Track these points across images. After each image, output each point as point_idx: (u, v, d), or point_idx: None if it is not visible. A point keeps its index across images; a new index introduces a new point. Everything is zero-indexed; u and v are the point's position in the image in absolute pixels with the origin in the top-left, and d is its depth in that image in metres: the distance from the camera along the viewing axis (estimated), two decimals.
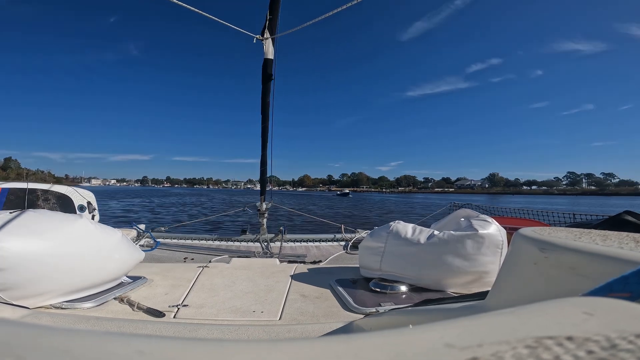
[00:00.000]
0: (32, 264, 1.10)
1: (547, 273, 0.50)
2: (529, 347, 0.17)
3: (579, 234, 0.55)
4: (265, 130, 2.92)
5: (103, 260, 1.36)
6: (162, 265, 1.92)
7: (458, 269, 1.45)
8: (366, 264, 1.68)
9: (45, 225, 1.21)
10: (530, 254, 0.54)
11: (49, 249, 1.16)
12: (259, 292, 1.46)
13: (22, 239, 1.11)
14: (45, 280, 1.15)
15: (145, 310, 1.23)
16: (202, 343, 0.18)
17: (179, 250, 2.51)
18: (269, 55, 2.82)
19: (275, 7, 2.76)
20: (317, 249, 2.67)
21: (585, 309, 0.20)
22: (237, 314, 1.23)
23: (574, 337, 0.17)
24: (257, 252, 2.55)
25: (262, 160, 3.00)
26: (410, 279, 1.52)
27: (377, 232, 1.73)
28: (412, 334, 0.19)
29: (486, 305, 0.65)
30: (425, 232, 1.59)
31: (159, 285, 1.52)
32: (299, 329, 1.09)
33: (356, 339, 0.19)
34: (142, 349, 0.17)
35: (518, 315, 0.21)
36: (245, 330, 1.07)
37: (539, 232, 0.58)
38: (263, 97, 2.87)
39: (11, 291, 1.09)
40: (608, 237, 0.51)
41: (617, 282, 0.26)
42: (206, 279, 1.63)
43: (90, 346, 0.17)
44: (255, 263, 2.02)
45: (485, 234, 1.45)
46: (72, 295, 1.24)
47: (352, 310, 1.28)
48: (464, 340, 0.17)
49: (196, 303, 1.32)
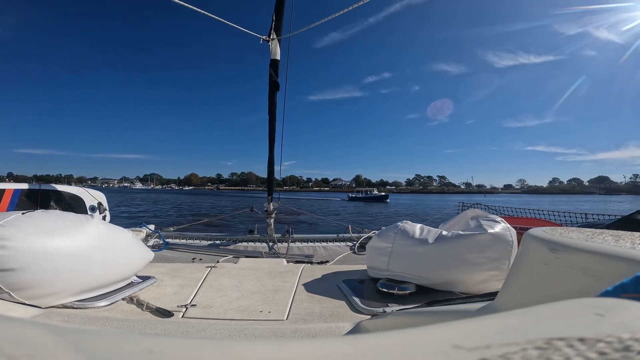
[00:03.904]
0: (44, 263, 1.13)
1: (558, 274, 0.49)
2: (539, 348, 0.16)
3: (591, 234, 0.54)
4: (272, 131, 2.93)
5: (113, 260, 1.38)
6: (171, 265, 1.94)
7: (466, 269, 1.43)
8: (373, 264, 1.67)
9: (57, 225, 1.23)
10: (540, 255, 0.53)
11: (61, 249, 1.18)
12: (266, 292, 1.47)
13: (34, 239, 1.13)
14: (57, 280, 1.17)
15: (154, 310, 1.25)
16: (210, 342, 0.18)
17: (187, 251, 2.53)
18: (276, 56, 2.84)
19: (281, 8, 2.78)
20: (324, 249, 2.67)
21: (596, 310, 0.20)
22: (245, 313, 1.24)
23: (586, 339, 0.17)
24: (265, 252, 2.56)
25: (270, 161, 3.02)
26: (418, 279, 1.50)
27: (384, 232, 1.72)
28: (420, 334, 0.19)
29: (495, 306, 0.64)
30: (433, 232, 1.58)
31: (168, 285, 1.54)
32: (306, 329, 1.09)
33: (363, 340, 0.19)
34: (152, 348, 0.17)
35: (528, 316, 0.21)
36: (252, 329, 1.08)
37: (550, 233, 0.57)
38: (270, 98, 2.89)
39: (23, 291, 1.11)
40: (621, 238, 0.50)
41: (629, 282, 0.25)
42: (214, 278, 1.64)
43: (101, 345, 0.17)
44: (262, 263, 2.03)
45: (495, 234, 1.43)
46: (83, 295, 1.26)
47: (360, 310, 1.28)
48: (472, 341, 0.17)
49: (204, 303, 1.33)
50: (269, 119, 2.92)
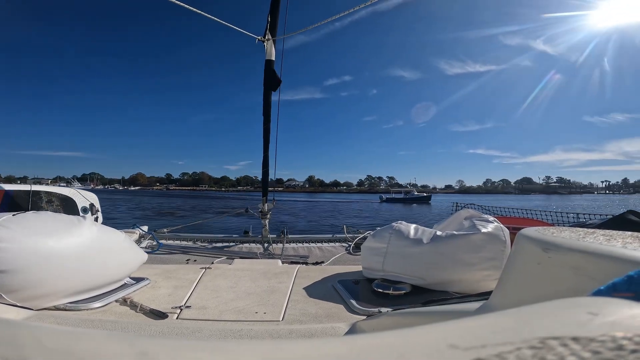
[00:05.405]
0: (36, 265, 1.11)
1: (551, 273, 0.50)
2: (533, 347, 0.16)
3: (583, 234, 0.55)
4: (267, 132, 2.92)
5: (106, 261, 1.37)
6: (165, 266, 1.92)
7: (461, 269, 1.44)
8: (369, 264, 1.68)
9: (48, 226, 1.22)
10: (533, 254, 0.53)
11: (53, 250, 1.16)
12: (262, 293, 1.46)
13: (26, 240, 1.11)
14: (49, 282, 1.15)
15: (148, 312, 1.23)
16: (205, 343, 0.18)
17: (181, 252, 2.52)
18: (271, 56, 2.83)
19: (276, 9, 2.78)
20: (319, 249, 2.67)
21: (589, 309, 0.20)
22: (240, 314, 1.23)
23: (579, 338, 0.17)
24: (260, 253, 2.55)
25: (264, 161, 3.01)
26: (413, 280, 1.51)
27: (379, 232, 1.72)
28: (416, 334, 0.19)
29: (490, 306, 0.64)
30: (427, 232, 1.59)
31: (162, 287, 1.53)
32: (302, 329, 1.09)
33: (359, 340, 0.19)
34: (146, 349, 0.17)
35: (522, 315, 0.21)
36: (247, 331, 1.07)
37: (542, 232, 0.57)
38: (265, 98, 2.88)
39: (15, 293, 1.09)
40: (612, 237, 0.51)
41: (621, 282, 0.25)
42: (209, 280, 1.63)
43: (93, 347, 0.17)
44: (257, 264, 2.02)
45: (488, 234, 1.44)
46: (76, 297, 1.25)
47: (355, 311, 1.28)
48: (468, 340, 0.17)
49: (199, 304, 1.32)
50: (264, 120, 2.90)
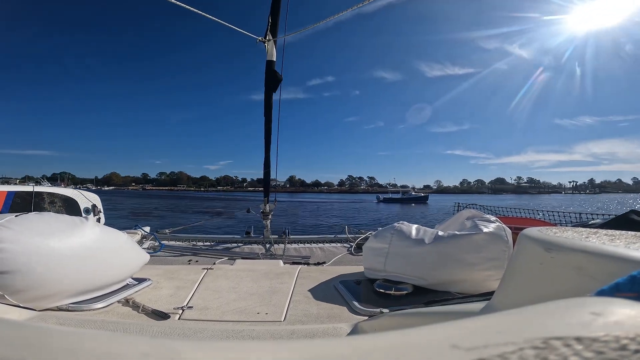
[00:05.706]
0: (38, 266, 1.11)
1: (553, 273, 0.49)
2: (536, 347, 0.16)
3: (586, 234, 0.55)
4: (268, 132, 2.92)
5: (108, 262, 1.37)
6: (166, 267, 1.92)
7: (463, 269, 1.44)
8: (370, 265, 1.68)
9: (51, 227, 1.22)
10: (536, 254, 0.53)
11: (56, 251, 1.17)
12: (263, 293, 1.46)
13: (28, 241, 1.12)
14: (52, 283, 1.16)
15: (150, 312, 1.24)
16: (206, 344, 0.18)
17: (183, 252, 2.52)
18: (272, 57, 2.83)
19: (277, 9, 2.78)
20: (321, 250, 2.67)
21: (592, 309, 0.20)
22: (242, 315, 1.23)
23: (582, 338, 0.17)
24: (261, 253, 2.55)
25: (266, 162, 3.01)
26: (415, 280, 1.51)
27: (381, 233, 1.72)
28: (418, 335, 0.19)
29: (492, 306, 0.64)
30: (429, 232, 1.58)
31: (164, 287, 1.53)
32: (303, 330, 1.09)
33: (361, 340, 0.19)
34: (148, 350, 0.17)
35: (524, 315, 0.21)
36: (249, 331, 1.07)
37: (545, 232, 0.57)
38: (266, 99, 2.88)
39: (18, 294, 1.10)
40: (615, 237, 0.51)
41: (624, 282, 0.25)
42: (211, 280, 1.63)
43: (96, 348, 0.17)
44: (259, 264, 2.02)
45: (490, 234, 1.44)
46: (78, 297, 1.25)
47: (357, 311, 1.28)
48: (470, 341, 0.17)
49: (201, 305, 1.32)
50: (265, 120, 2.90)
